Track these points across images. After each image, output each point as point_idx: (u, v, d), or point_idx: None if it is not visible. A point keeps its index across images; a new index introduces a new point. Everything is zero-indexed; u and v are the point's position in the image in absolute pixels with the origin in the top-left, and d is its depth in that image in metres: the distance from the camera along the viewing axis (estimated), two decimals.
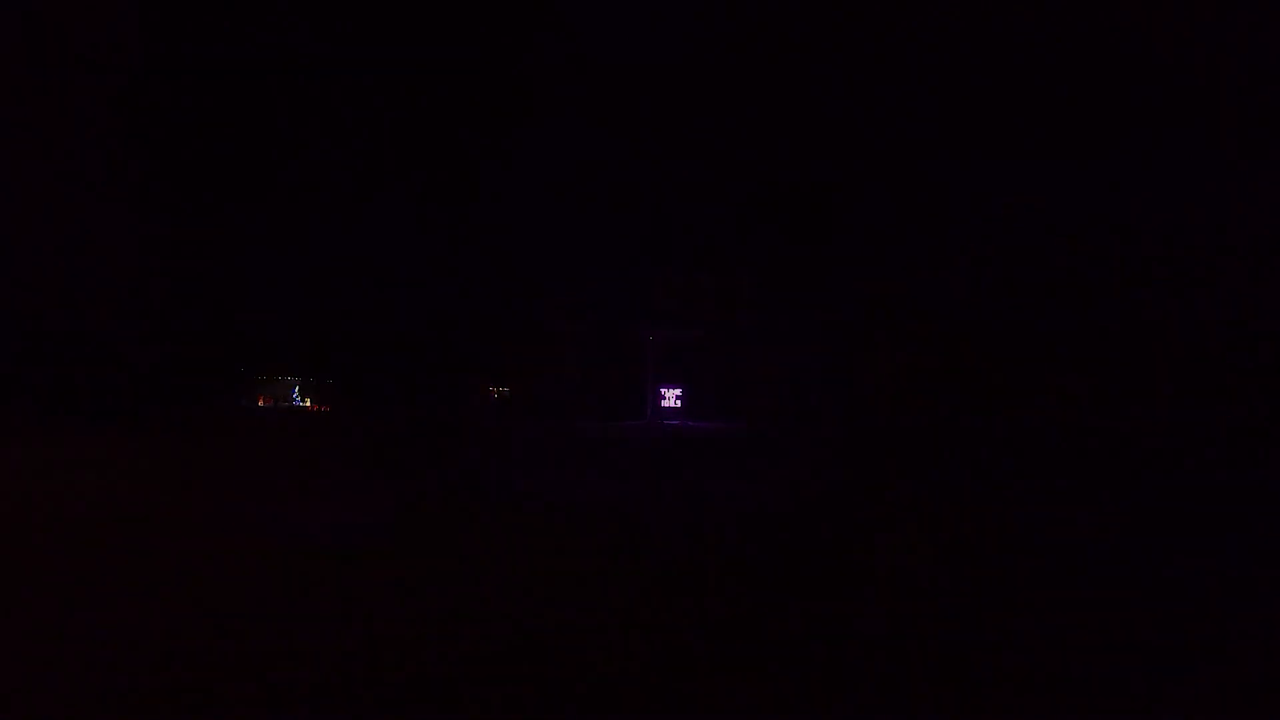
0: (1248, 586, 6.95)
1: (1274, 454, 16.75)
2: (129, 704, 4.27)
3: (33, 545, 8.10)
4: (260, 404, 41.75)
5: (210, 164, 33.98)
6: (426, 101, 35.38)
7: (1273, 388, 21.71)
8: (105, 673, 4.69)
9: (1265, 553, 8.24)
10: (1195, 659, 5.12)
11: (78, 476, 13.75)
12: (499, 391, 41.52)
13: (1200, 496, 12.01)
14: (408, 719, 4.19)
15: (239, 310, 36.93)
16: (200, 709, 4.22)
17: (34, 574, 6.90)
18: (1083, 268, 26.08)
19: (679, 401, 30.42)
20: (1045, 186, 27.56)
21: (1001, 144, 28.84)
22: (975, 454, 17.97)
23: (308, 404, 41.77)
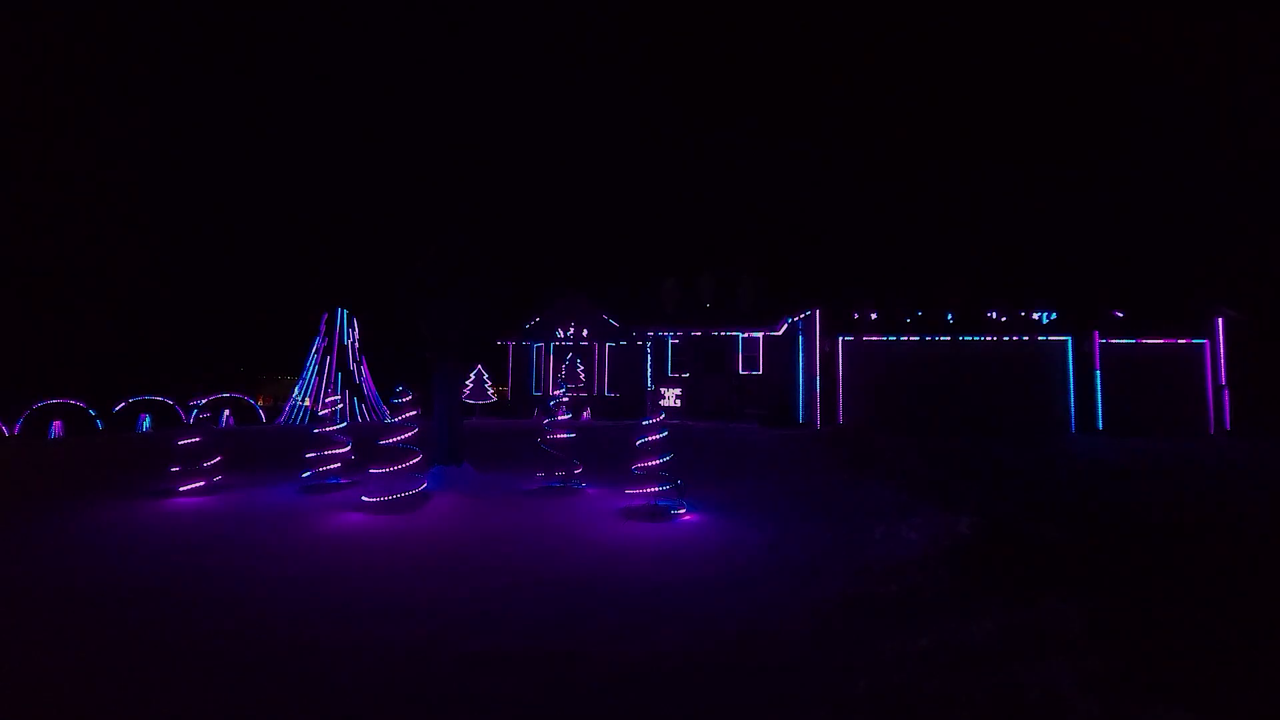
0: (1247, 586, 6.93)
1: (1274, 452, 16.72)
2: None
3: None
4: (260, 404, 41.65)
5: (211, 164, 34.01)
6: (427, 101, 35.46)
7: (1272, 387, 21.64)
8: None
9: (1265, 553, 8.23)
10: (1195, 659, 5.11)
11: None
12: (498, 391, 41.46)
13: (1200, 496, 11.98)
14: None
15: (239, 310, 36.94)
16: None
17: None
18: (1083, 267, 26.05)
19: (679, 401, 30.29)
20: (1045, 186, 27.54)
21: (1001, 143, 28.80)
22: (975, 453, 17.93)
23: (306, 403, 41.71)
